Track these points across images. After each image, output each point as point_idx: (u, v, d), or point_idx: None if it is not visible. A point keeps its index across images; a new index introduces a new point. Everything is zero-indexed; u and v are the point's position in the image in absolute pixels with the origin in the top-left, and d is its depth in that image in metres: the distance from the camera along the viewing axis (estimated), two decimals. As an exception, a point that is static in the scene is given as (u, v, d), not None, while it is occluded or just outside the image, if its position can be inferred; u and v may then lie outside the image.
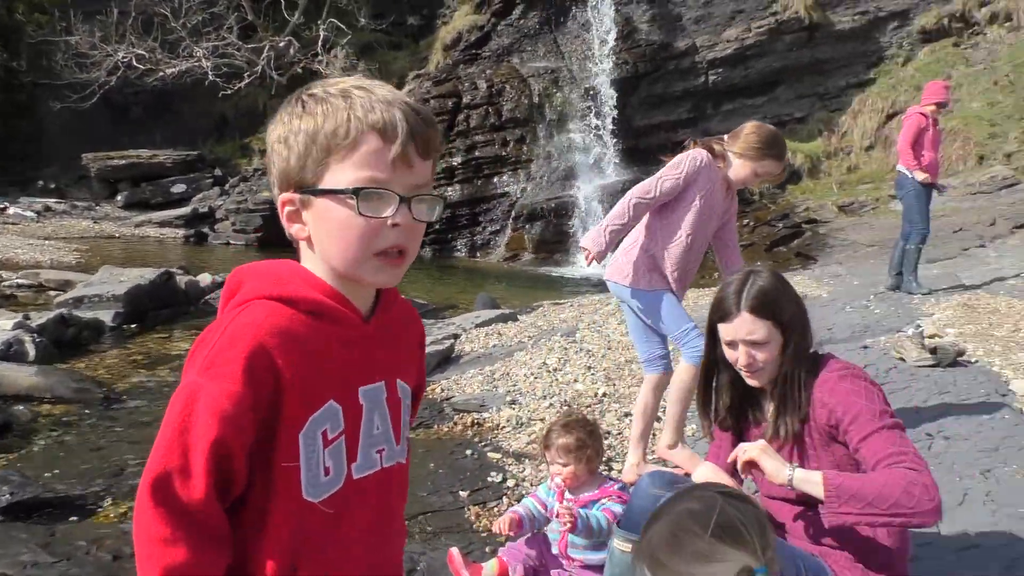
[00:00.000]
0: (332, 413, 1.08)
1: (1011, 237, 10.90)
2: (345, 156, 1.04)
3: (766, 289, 2.00)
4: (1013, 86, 14.63)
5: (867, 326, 6.04)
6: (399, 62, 17.25)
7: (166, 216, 15.96)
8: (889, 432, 1.82)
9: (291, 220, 1.10)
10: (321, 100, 1.06)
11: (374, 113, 1.04)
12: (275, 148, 1.09)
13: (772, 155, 3.28)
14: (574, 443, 2.66)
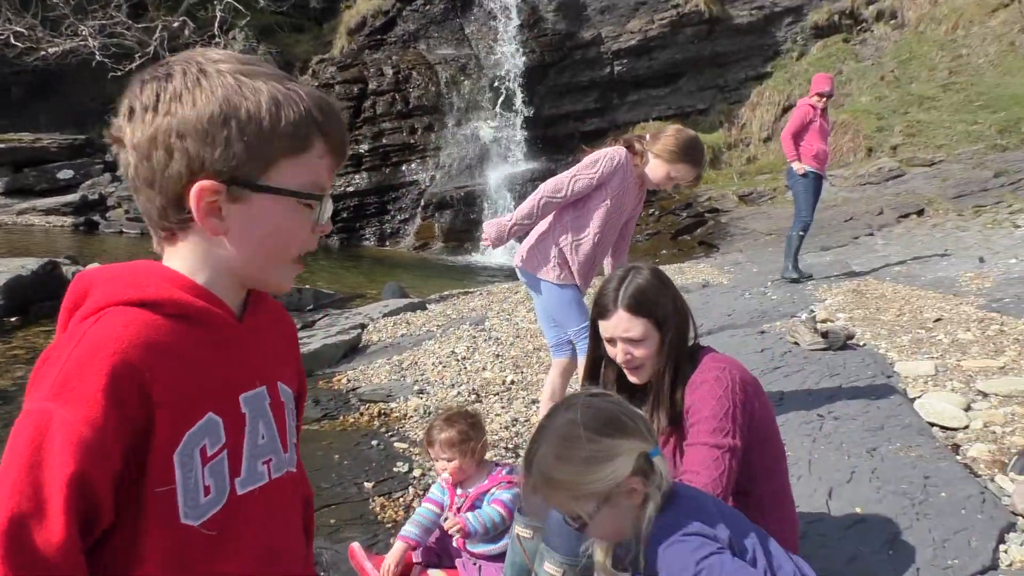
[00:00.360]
0: (212, 426, 0.97)
1: (897, 226, 11.49)
2: (296, 156, 0.97)
3: (643, 287, 2.02)
4: (898, 81, 15.41)
5: (764, 311, 6.24)
6: (301, 46, 16.79)
7: (52, 203, 15.09)
8: (708, 451, 1.86)
9: (209, 212, 0.95)
10: (266, 82, 0.96)
11: (325, 118, 0.99)
12: (203, 126, 0.93)
13: (687, 160, 3.34)
14: (457, 436, 2.63)
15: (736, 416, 1.88)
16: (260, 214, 0.97)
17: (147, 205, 0.97)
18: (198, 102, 0.93)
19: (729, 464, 1.84)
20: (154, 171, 0.94)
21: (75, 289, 0.97)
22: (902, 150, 13.91)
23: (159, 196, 0.95)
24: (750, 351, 4.84)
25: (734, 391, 1.89)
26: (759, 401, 1.99)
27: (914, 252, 9.16)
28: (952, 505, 2.61)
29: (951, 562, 2.28)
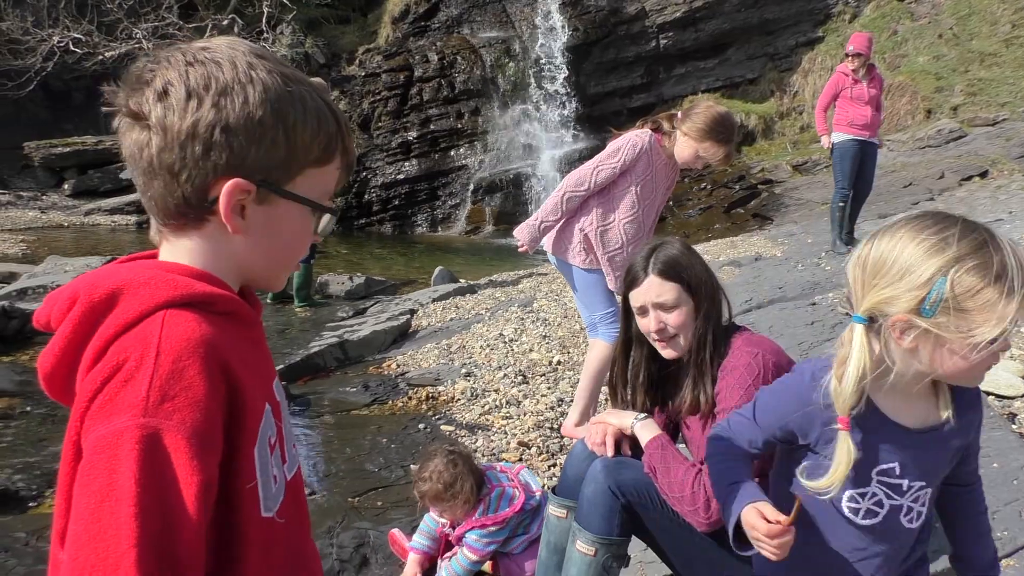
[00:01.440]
0: (268, 418, 0.96)
1: (959, 189, 11.10)
2: (320, 167, 0.99)
3: (673, 254, 2.01)
4: (957, 39, 14.82)
5: (817, 283, 6.12)
6: (347, 37, 16.94)
7: (116, 203, 15.59)
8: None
9: (235, 210, 0.93)
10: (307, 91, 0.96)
11: (347, 134, 1.02)
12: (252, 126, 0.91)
13: (715, 138, 3.26)
14: (443, 491, 2.57)
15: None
16: (281, 218, 0.97)
17: (162, 192, 0.92)
18: (250, 100, 0.90)
19: None
20: (185, 161, 0.90)
21: (94, 294, 0.87)
22: (963, 110, 13.41)
23: (183, 186, 0.91)
24: (800, 324, 4.76)
25: (765, 379, 1.85)
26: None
27: (976, 216, 8.81)
28: (1004, 476, 2.54)
29: (1000, 535, 2.22)
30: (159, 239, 0.97)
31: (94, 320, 0.86)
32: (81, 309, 0.86)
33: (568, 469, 2.16)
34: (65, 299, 0.89)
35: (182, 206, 0.92)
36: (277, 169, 0.94)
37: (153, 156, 0.90)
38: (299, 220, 0.99)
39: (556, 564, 2.09)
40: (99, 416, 0.80)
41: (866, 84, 7.17)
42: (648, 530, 1.97)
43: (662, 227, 13.86)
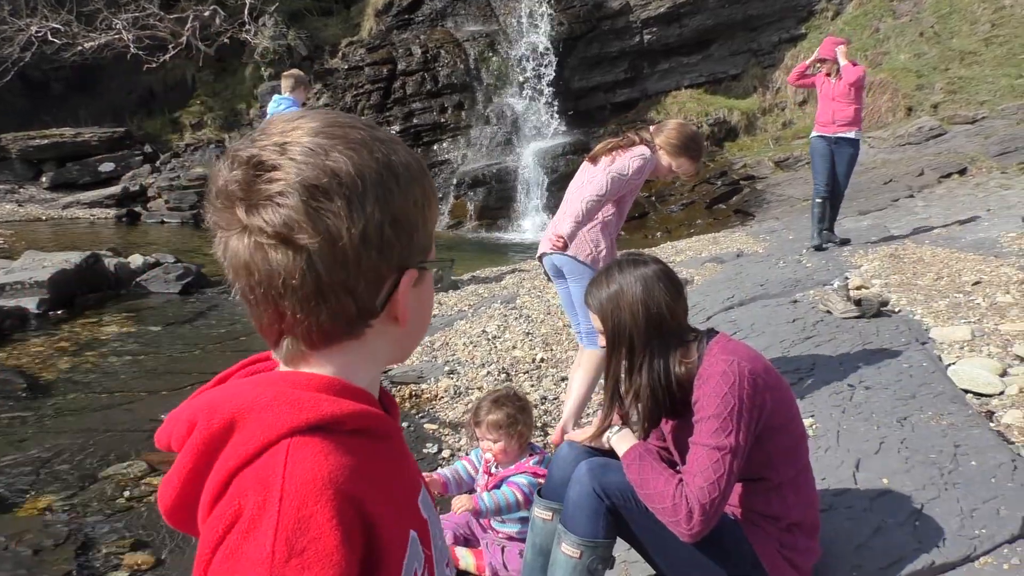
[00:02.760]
0: (414, 545, 0.84)
1: (938, 187, 11.22)
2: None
3: (596, 292, 2.08)
4: (938, 37, 14.95)
5: (798, 280, 6.16)
6: (330, 29, 16.82)
7: (95, 196, 15.43)
8: (709, 452, 1.86)
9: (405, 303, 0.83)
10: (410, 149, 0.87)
11: None
12: (413, 210, 0.82)
13: (689, 155, 3.51)
14: (504, 419, 2.67)
15: (741, 413, 1.86)
16: (425, 291, 0.87)
17: (330, 315, 0.78)
18: (402, 182, 0.80)
19: (729, 466, 1.84)
20: (361, 271, 0.77)
21: (211, 422, 0.77)
22: (943, 108, 13.53)
23: (360, 300, 0.79)
24: (781, 321, 4.79)
25: (741, 386, 1.87)
26: (773, 391, 1.96)
27: (955, 213, 8.94)
28: (982, 474, 2.57)
29: (978, 532, 2.25)
30: (295, 361, 0.83)
31: (213, 450, 0.76)
32: (200, 438, 0.76)
33: (553, 472, 2.17)
34: (183, 423, 0.79)
35: (351, 322, 0.80)
36: (428, 244, 0.85)
37: (321, 277, 0.76)
38: (431, 287, 0.89)
39: (541, 566, 2.09)
40: (215, 566, 0.71)
41: (834, 80, 7.26)
42: (633, 532, 1.98)
43: (644, 223, 13.90)
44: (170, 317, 6.69)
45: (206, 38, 15.69)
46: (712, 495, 1.81)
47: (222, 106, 16.70)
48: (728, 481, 1.82)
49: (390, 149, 0.80)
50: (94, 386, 4.89)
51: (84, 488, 3.49)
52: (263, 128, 0.81)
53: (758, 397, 1.88)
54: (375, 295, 0.80)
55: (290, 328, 0.79)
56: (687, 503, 1.81)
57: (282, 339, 0.81)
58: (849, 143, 7.33)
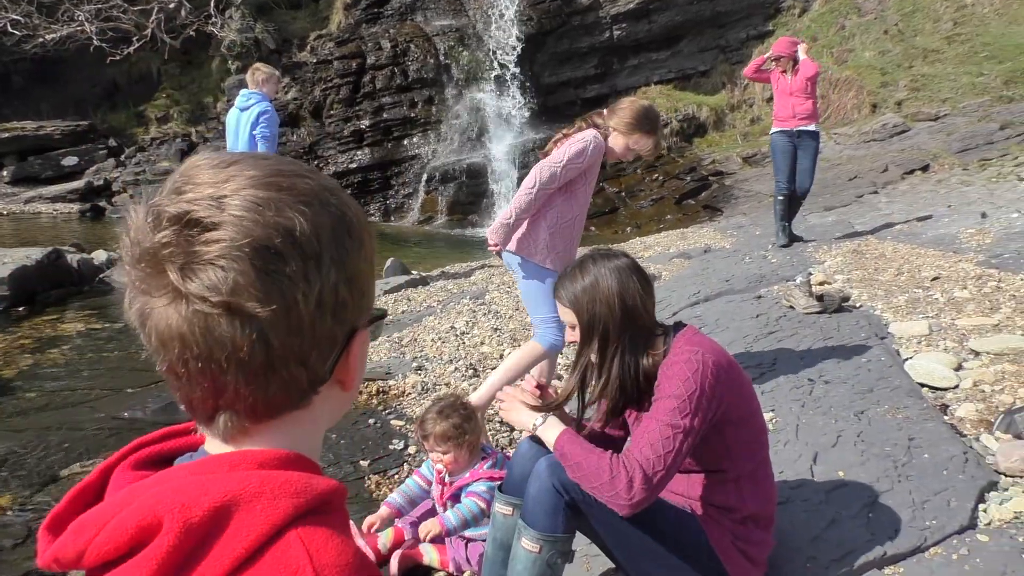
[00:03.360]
0: None
1: (901, 183, 11.40)
2: None
3: (570, 285, 2.08)
4: (902, 34, 15.18)
5: (763, 275, 6.24)
6: (298, 23, 16.68)
7: (58, 191, 15.17)
8: (662, 428, 1.88)
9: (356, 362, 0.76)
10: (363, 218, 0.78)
11: None
12: (366, 267, 0.75)
13: (643, 129, 3.43)
14: (451, 430, 2.64)
15: (700, 400, 1.89)
16: (363, 346, 0.78)
17: (280, 386, 0.70)
18: (354, 234, 0.73)
19: (680, 445, 1.86)
20: (316, 338, 0.70)
21: (186, 520, 0.63)
22: (907, 105, 13.75)
23: (313, 369, 0.71)
24: (746, 316, 4.86)
25: (703, 375, 1.90)
26: (735, 384, 1.99)
27: (917, 209, 9.10)
28: (935, 466, 2.64)
29: (929, 523, 2.31)
30: (233, 439, 0.73)
31: (190, 551, 0.63)
32: (171, 539, 0.62)
33: (514, 467, 2.19)
34: (127, 527, 0.64)
35: (301, 393, 0.72)
36: (372, 300, 0.78)
37: (273, 348, 0.67)
38: (368, 340, 0.79)
39: (502, 560, 2.11)
40: None
41: (789, 77, 7.34)
42: (592, 526, 2.01)
43: (614, 218, 13.97)
44: (135, 314, 6.59)
45: (171, 30, 15.48)
46: (657, 467, 1.83)
47: (188, 100, 16.49)
48: (675, 460, 1.85)
49: (340, 200, 0.73)
50: (56, 384, 4.83)
51: (45, 487, 3.45)
52: (184, 176, 0.69)
53: (719, 387, 1.91)
54: (326, 361, 0.72)
55: (230, 403, 0.70)
56: (626, 472, 1.83)
57: (217, 414, 0.71)
58: (811, 136, 7.42)
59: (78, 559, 0.67)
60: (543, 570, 1.97)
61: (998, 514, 2.36)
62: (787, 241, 7.54)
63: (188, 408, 0.72)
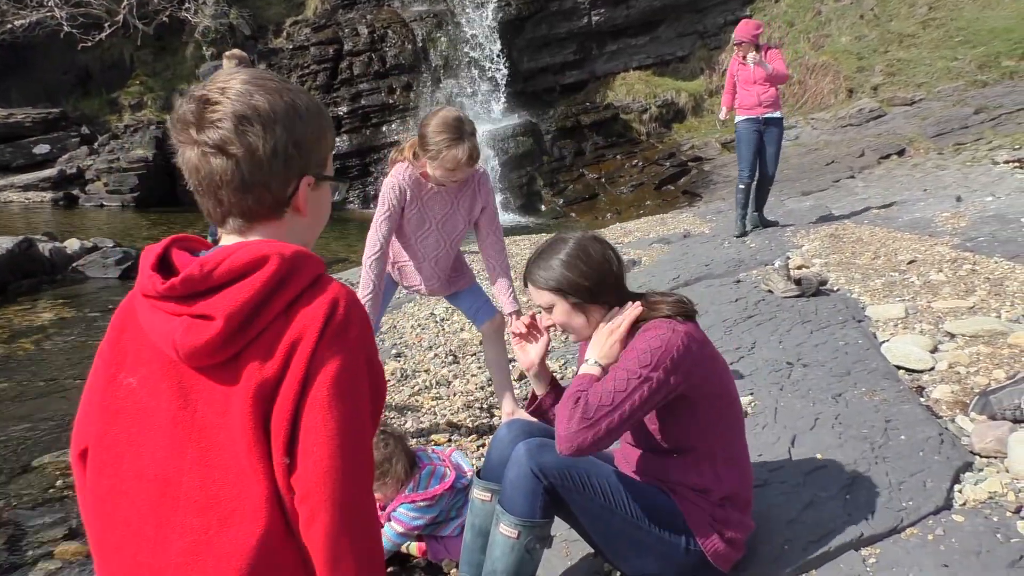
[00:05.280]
0: None
1: (878, 167, 11.48)
2: (331, 152, 1.26)
3: (541, 265, 2.07)
4: (878, 19, 15.25)
5: (742, 260, 6.26)
6: (273, 8, 16.45)
7: (30, 179, 14.89)
8: (618, 372, 1.90)
9: (305, 199, 1.20)
10: (317, 100, 1.24)
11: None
12: (313, 138, 1.18)
13: (438, 145, 2.97)
14: (382, 463, 2.56)
15: (663, 356, 1.88)
16: (323, 196, 1.25)
17: (255, 201, 1.15)
18: (304, 117, 1.16)
19: (631, 390, 1.85)
20: (273, 175, 1.14)
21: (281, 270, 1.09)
22: (883, 90, 13.83)
23: (274, 192, 1.15)
24: (725, 301, 4.87)
25: (672, 339, 1.90)
26: (707, 358, 1.99)
27: (893, 193, 9.17)
28: (911, 447, 2.65)
29: (905, 504, 2.33)
30: (242, 232, 1.18)
31: (283, 275, 1.10)
32: (275, 263, 1.09)
33: (492, 452, 2.17)
34: (245, 257, 1.09)
35: (271, 206, 1.17)
36: (322, 162, 1.22)
37: (245, 175, 1.12)
38: (329, 193, 1.27)
39: (480, 547, 2.10)
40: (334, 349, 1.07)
41: (752, 65, 7.27)
42: (571, 511, 2.00)
43: (594, 204, 13.97)
44: (108, 303, 6.51)
45: (144, 16, 15.22)
46: (604, 402, 1.84)
47: (163, 86, 16.24)
48: (624, 403, 1.85)
49: (295, 95, 1.16)
50: (28, 374, 4.76)
51: (16, 477, 3.41)
52: (211, 78, 1.17)
53: (688, 355, 1.91)
54: (284, 191, 1.16)
55: (228, 210, 1.15)
56: (574, 405, 1.86)
57: (227, 219, 1.17)
58: (776, 123, 7.40)
59: (204, 279, 1.08)
60: (521, 556, 1.96)
61: (973, 494, 2.38)
62: (743, 231, 7.52)
63: (209, 217, 1.18)
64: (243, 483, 1.05)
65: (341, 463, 1.03)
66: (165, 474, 1.09)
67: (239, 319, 1.06)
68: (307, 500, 1.03)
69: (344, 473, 1.04)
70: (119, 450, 1.13)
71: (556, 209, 14.16)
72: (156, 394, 1.11)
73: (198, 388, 1.09)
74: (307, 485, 1.03)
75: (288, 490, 1.05)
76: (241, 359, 1.07)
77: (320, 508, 1.03)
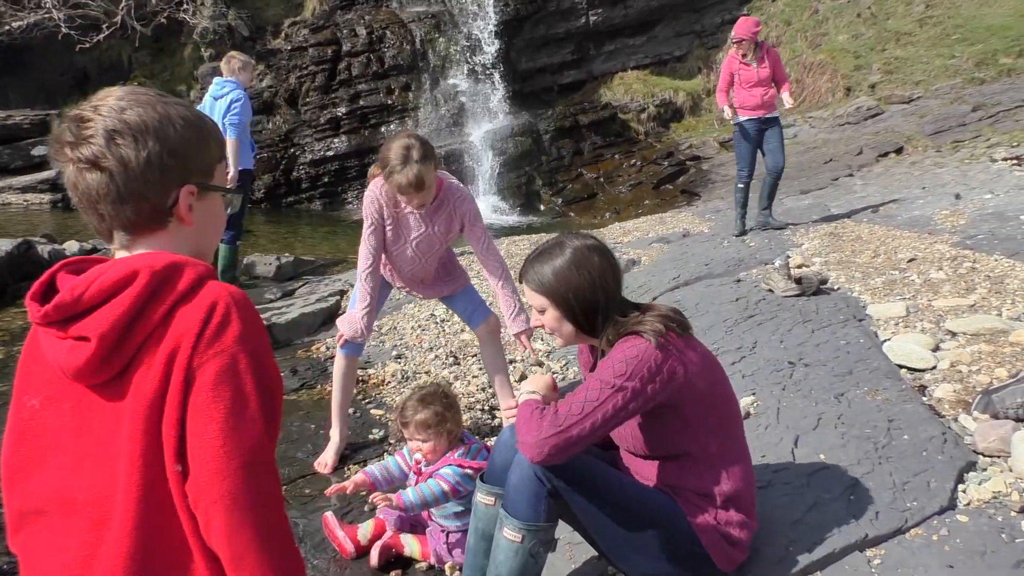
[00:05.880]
0: None
1: (876, 165, 11.48)
2: (220, 162, 1.28)
3: (537, 268, 2.07)
4: (875, 17, 15.25)
5: (741, 259, 6.26)
6: (272, 9, 16.43)
7: (28, 181, 14.85)
8: (592, 382, 1.91)
9: (188, 209, 1.21)
10: (199, 112, 1.26)
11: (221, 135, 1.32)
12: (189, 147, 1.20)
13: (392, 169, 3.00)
14: (432, 418, 2.61)
15: (640, 367, 1.88)
16: (212, 206, 1.26)
17: (133, 212, 1.16)
18: (178, 127, 1.18)
19: (604, 398, 1.86)
20: (148, 185, 1.15)
21: (162, 274, 1.12)
22: (880, 88, 13.83)
23: (151, 202, 1.17)
24: (725, 300, 4.86)
25: (647, 348, 1.91)
26: (688, 362, 1.95)
27: (892, 191, 9.17)
28: (914, 447, 2.65)
29: (909, 504, 2.32)
30: (128, 246, 1.20)
31: (155, 288, 1.11)
32: (145, 278, 1.10)
33: (495, 456, 2.17)
34: (115, 275, 1.11)
35: (151, 216, 1.18)
36: (205, 171, 1.24)
37: (120, 187, 1.14)
38: (220, 204, 1.29)
39: (484, 551, 2.10)
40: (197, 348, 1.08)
41: (756, 66, 7.25)
42: (574, 514, 2.00)
43: (592, 204, 13.97)
44: (108, 306, 6.49)
45: (142, 18, 15.19)
46: (573, 411, 1.85)
47: (161, 88, 16.14)
48: (595, 411, 1.85)
49: (169, 107, 1.19)
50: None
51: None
52: (91, 97, 1.20)
53: (666, 364, 1.91)
54: (163, 201, 1.18)
55: (111, 224, 1.18)
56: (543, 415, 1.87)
57: (112, 233, 1.19)
58: (776, 121, 7.43)
59: (75, 303, 1.10)
60: (525, 559, 1.95)
61: (977, 494, 2.38)
62: (743, 230, 7.52)
63: (98, 233, 1.21)
64: (129, 496, 1.07)
65: (229, 462, 1.05)
66: (67, 492, 1.13)
67: (112, 338, 1.08)
68: (200, 502, 1.06)
69: (235, 471, 1.05)
70: (28, 470, 1.17)
71: (555, 209, 14.15)
72: (58, 414, 1.15)
73: (93, 406, 1.12)
74: (198, 488, 1.05)
75: (183, 497, 1.07)
76: (127, 374, 1.10)
77: (214, 508, 1.05)
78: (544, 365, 4.51)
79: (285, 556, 1.10)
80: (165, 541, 1.09)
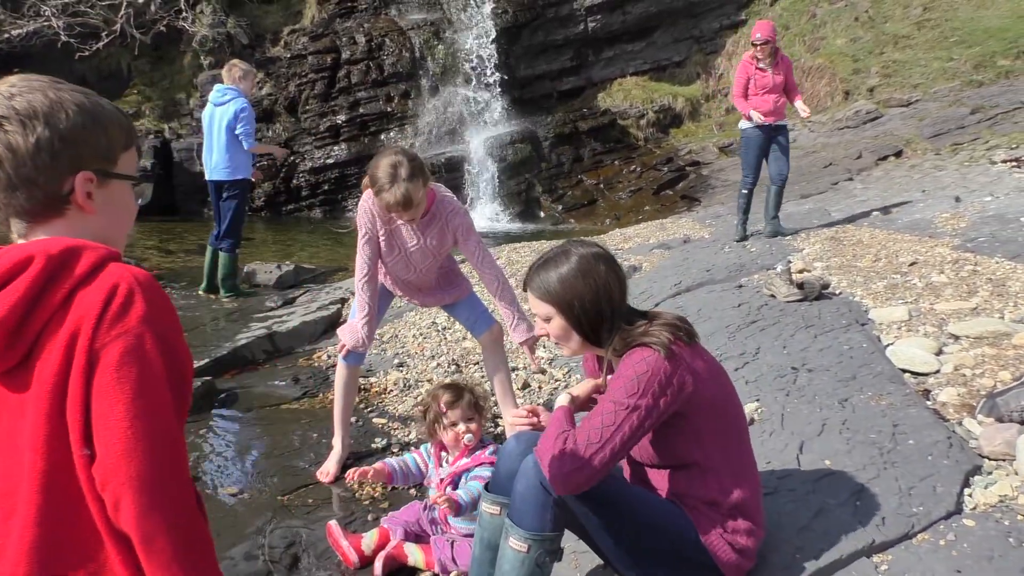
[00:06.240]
0: None
1: (875, 169, 11.48)
2: (127, 151, 1.25)
3: (543, 275, 2.05)
4: (872, 21, 15.28)
5: (743, 265, 6.25)
6: (271, 17, 16.46)
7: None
8: (606, 405, 1.89)
9: (87, 196, 1.19)
10: (96, 96, 1.23)
11: (131, 123, 1.29)
12: (82, 133, 1.17)
13: (377, 187, 3.00)
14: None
15: (651, 381, 1.87)
16: (118, 194, 1.24)
17: (26, 198, 1.15)
18: (70, 114, 1.15)
19: (621, 421, 1.85)
20: (38, 171, 1.14)
21: (57, 259, 1.10)
22: (879, 91, 13.85)
23: (43, 188, 1.15)
24: (727, 306, 4.86)
25: (657, 360, 1.89)
26: (696, 370, 1.94)
27: (892, 195, 9.17)
28: (919, 452, 2.64)
29: (916, 509, 2.31)
30: (25, 235, 1.18)
31: (51, 273, 1.10)
32: (41, 263, 1.09)
33: (501, 466, 2.16)
34: (9, 260, 1.09)
35: (46, 203, 1.16)
36: (105, 159, 1.20)
37: (11, 174, 1.13)
38: (128, 193, 1.27)
39: (490, 560, 2.09)
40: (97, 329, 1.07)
41: (771, 72, 7.24)
42: (580, 524, 1.99)
43: (593, 210, 13.97)
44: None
45: (141, 26, 15.22)
46: (592, 440, 1.84)
47: (160, 96, 16.23)
48: (614, 436, 1.84)
49: (62, 92, 1.16)
50: None
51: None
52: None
53: (676, 374, 1.89)
54: (56, 187, 1.16)
55: (6, 212, 1.17)
56: (564, 446, 1.85)
57: (9, 222, 1.18)
58: (785, 129, 7.42)
59: None
60: (531, 569, 1.94)
61: (983, 498, 2.37)
62: (744, 236, 7.51)
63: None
64: (32, 484, 1.07)
65: (135, 443, 1.05)
66: None
67: (8, 326, 1.07)
68: (108, 485, 1.05)
69: (142, 452, 1.05)
70: None
71: (555, 215, 14.16)
72: None
73: (2, 396, 1.12)
74: (105, 471, 1.05)
75: (91, 482, 1.06)
76: (30, 361, 1.09)
77: (122, 490, 1.05)
78: (547, 373, 4.50)
79: (195, 534, 1.11)
80: (73, 530, 1.09)
